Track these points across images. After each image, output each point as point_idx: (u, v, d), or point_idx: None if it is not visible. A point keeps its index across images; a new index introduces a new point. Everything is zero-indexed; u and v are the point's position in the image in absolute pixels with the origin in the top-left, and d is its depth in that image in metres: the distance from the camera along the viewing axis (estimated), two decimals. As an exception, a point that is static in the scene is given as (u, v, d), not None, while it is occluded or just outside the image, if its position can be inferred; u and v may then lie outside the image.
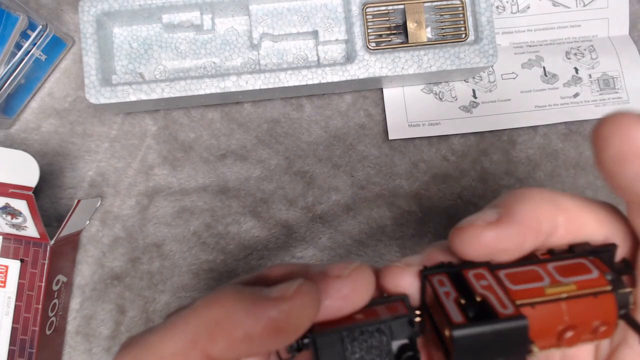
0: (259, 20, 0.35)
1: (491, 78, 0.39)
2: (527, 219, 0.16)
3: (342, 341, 0.16)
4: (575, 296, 0.16)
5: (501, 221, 0.16)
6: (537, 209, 0.17)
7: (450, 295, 0.16)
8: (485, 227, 0.16)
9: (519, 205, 0.17)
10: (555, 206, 0.17)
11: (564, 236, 0.17)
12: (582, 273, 0.17)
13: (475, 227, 0.16)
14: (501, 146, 0.39)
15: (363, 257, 0.38)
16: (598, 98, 0.38)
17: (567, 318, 0.16)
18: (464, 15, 0.35)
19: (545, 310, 0.16)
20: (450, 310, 0.16)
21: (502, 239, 0.16)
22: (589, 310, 0.16)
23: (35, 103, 0.37)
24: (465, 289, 0.16)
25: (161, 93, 0.33)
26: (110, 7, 0.33)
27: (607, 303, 0.16)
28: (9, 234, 0.33)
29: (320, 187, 0.38)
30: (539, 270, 0.17)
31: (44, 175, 0.36)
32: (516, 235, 0.16)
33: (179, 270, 0.37)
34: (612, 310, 0.16)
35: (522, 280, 0.17)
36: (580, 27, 0.39)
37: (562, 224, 0.17)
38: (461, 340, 0.15)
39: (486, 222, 0.17)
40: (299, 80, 0.34)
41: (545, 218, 0.17)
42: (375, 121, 0.38)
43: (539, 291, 0.16)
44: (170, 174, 0.37)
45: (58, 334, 0.35)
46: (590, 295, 0.16)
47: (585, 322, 0.16)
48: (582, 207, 0.17)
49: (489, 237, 0.16)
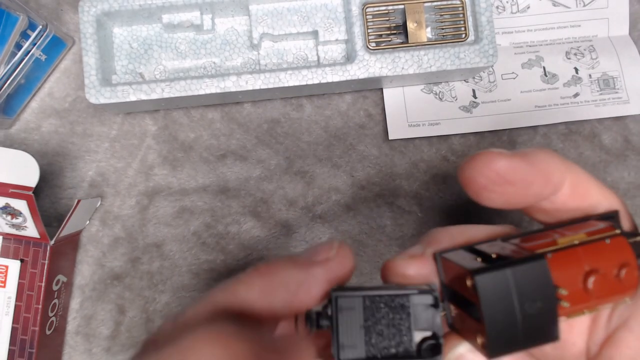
0: (259, 20, 0.35)
1: (491, 78, 0.39)
2: (539, 163, 0.17)
3: (363, 307, 0.16)
4: (587, 241, 0.16)
5: (515, 155, 0.17)
6: (550, 160, 0.17)
7: (466, 259, 0.16)
8: (499, 154, 0.17)
9: (533, 151, 0.17)
10: (566, 165, 0.18)
11: (568, 197, 0.18)
12: (589, 227, 0.17)
13: (488, 153, 0.17)
14: (501, 146, 0.39)
15: (363, 257, 0.38)
16: (598, 98, 0.38)
17: (586, 263, 0.16)
18: (464, 15, 0.35)
19: (562, 257, 0.16)
20: (469, 265, 0.15)
21: (513, 170, 0.17)
22: (605, 252, 0.16)
23: (35, 103, 0.37)
24: (480, 252, 0.16)
25: (161, 93, 0.33)
26: (110, 7, 0.33)
27: (621, 245, 0.16)
28: (9, 234, 0.33)
29: (320, 187, 0.38)
30: (549, 232, 0.17)
31: (44, 175, 0.36)
32: (527, 171, 0.17)
33: (179, 270, 0.37)
34: (628, 250, 0.16)
35: (533, 240, 0.17)
36: (580, 27, 0.39)
37: (569, 184, 0.17)
38: (484, 284, 0.14)
39: (501, 152, 0.17)
40: (299, 80, 0.34)
41: (556, 169, 0.17)
42: (375, 121, 0.38)
43: (551, 243, 0.16)
44: (170, 174, 0.37)
45: (58, 334, 0.35)
46: (603, 239, 0.16)
47: (605, 265, 0.16)
48: (590, 177, 0.18)
49: (501, 164, 0.17)
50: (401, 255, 0.18)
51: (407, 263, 0.18)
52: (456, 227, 0.19)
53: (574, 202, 0.18)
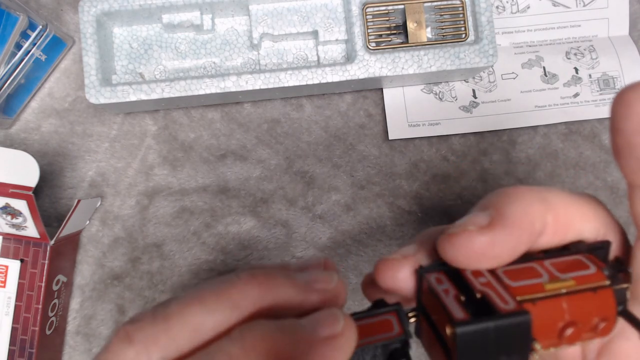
0: (259, 20, 0.35)
1: (491, 78, 0.39)
2: (519, 220, 0.16)
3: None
4: (574, 291, 0.16)
5: (493, 224, 0.16)
6: (528, 208, 0.16)
7: (449, 293, 0.16)
8: (477, 231, 0.16)
9: (510, 206, 0.16)
10: (544, 204, 0.16)
11: (552, 234, 0.17)
12: (579, 269, 0.17)
13: (466, 232, 0.16)
14: (501, 146, 0.39)
15: (363, 257, 0.38)
16: (598, 98, 0.38)
17: (568, 314, 0.16)
18: (464, 15, 0.35)
19: (546, 307, 0.16)
20: (451, 307, 0.15)
21: (496, 244, 0.16)
22: (589, 305, 0.16)
23: (35, 103, 0.37)
24: (464, 287, 0.16)
25: (161, 93, 0.33)
26: (110, 7, 0.33)
27: (606, 298, 0.16)
28: (9, 234, 0.33)
29: (320, 187, 0.38)
30: (537, 267, 0.17)
31: (44, 175, 0.36)
32: (510, 239, 0.16)
33: (179, 270, 0.37)
34: (612, 305, 0.16)
35: (520, 277, 0.16)
36: (580, 27, 0.39)
37: (551, 222, 0.16)
38: (464, 337, 0.14)
39: (478, 226, 0.16)
40: (299, 80, 0.34)
41: (536, 218, 0.16)
42: (375, 121, 0.38)
43: (538, 287, 0.16)
44: (170, 174, 0.37)
45: (58, 334, 0.35)
46: (590, 290, 0.16)
47: (585, 318, 0.16)
48: (568, 203, 0.17)
49: (482, 242, 0.15)
50: (394, 255, 0.18)
51: (400, 264, 0.17)
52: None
53: (557, 237, 0.17)
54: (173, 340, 0.15)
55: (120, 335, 0.15)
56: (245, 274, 0.17)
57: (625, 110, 0.14)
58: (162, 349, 0.15)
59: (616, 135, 0.15)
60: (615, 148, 0.15)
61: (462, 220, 0.16)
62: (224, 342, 0.15)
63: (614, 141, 0.15)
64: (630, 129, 0.14)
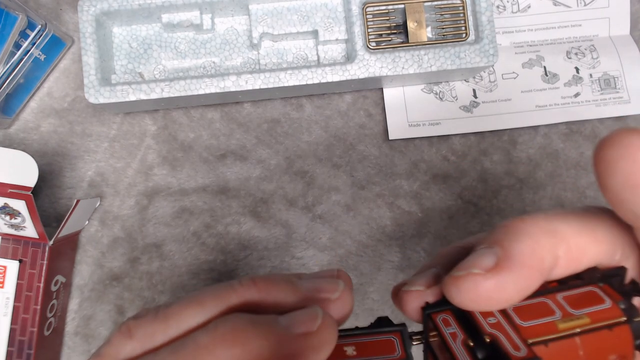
0: (259, 20, 0.35)
1: (492, 78, 0.39)
2: (528, 259, 0.15)
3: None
4: (589, 330, 0.15)
5: (500, 266, 0.15)
6: (537, 245, 0.15)
7: (457, 337, 0.15)
8: (483, 275, 0.15)
9: (517, 244, 0.15)
10: (553, 237, 0.15)
11: (565, 267, 0.16)
12: (594, 303, 0.16)
13: (472, 276, 0.15)
14: (502, 146, 0.38)
15: (363, 257, 0.37)
16: (599, 98, 0.38)
17: (583, 354, 0.15)
18: (465, 15, 0.35)
19: (559, 348, 0.15)
20: (459, 354, 0.15)
21: (504, 287, 0.15)
22: (604, 344, 0.15)
23: (35, 103, 0.37)
24: (472, 328, 0.15)
25: (161, 93, 0.33)
26: (110, 7, 0.33)
27: (623, 335, 0.15)
28: (7, 234, 0.32)
29: (320, 187, 0.38)
30: (549, 303, 0.16)
31: (43, 175, 0.36)
32: (519, 281, 0.15)
33: (178, 271, 0.37)
34: (629, 342, 0.15)
35: (532, 315, 0.15)
36: (581, 27, 0.39)
37: (563, 255, 0.15)
38: None
39: (484, 268, 0.15)
40: (299, 80, 0.34)
41: (546, 253, 0.15)
42: (375, 121, 0.38)
43: (551, 327, 0.15)
44: (170, 174, 0.37)
45: (56, 335, 0.35)
46: (605, 328, 0.15)
47: (601, 357, 0.15)
48: (579, 230, 0.16)
49: (489, 286, 0.15)
50: (415, 285, 0.17)
51: (410, 297, 0.17)
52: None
53: (570, 268, 0.16)
54: (169, 339, 0.16)
55: (123, 329, 0.16)
56: (247, 280, 0.17)
57: (607, 169, 0.14)
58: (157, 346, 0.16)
59: (605, 192, 0.15)
60: (608, 201, 0.15)
61: (467, 260, 0.16)
62: (198, 332, 0.15)
63: (605, 196, 0.15)
64: (618, 186, 0.14)
